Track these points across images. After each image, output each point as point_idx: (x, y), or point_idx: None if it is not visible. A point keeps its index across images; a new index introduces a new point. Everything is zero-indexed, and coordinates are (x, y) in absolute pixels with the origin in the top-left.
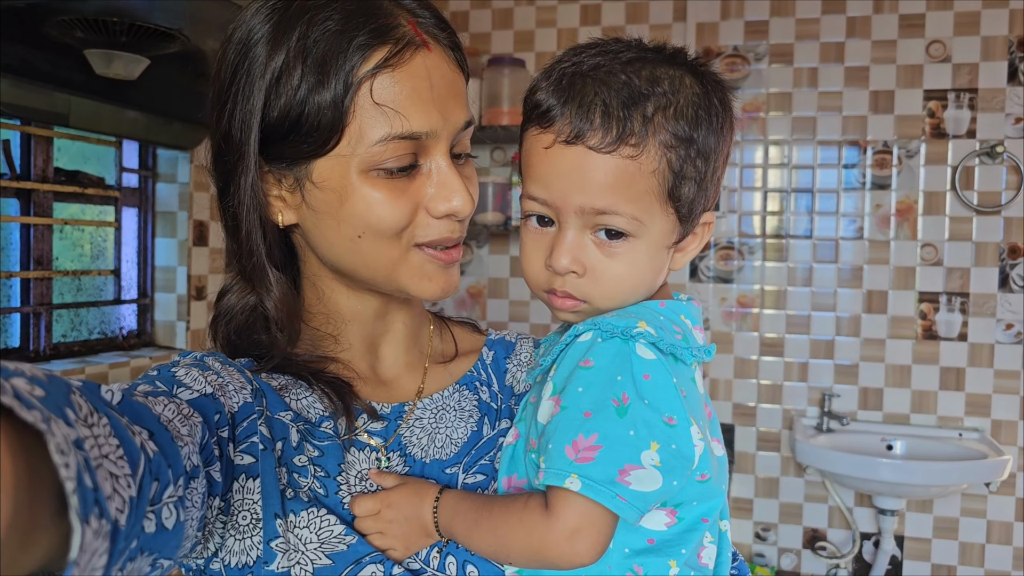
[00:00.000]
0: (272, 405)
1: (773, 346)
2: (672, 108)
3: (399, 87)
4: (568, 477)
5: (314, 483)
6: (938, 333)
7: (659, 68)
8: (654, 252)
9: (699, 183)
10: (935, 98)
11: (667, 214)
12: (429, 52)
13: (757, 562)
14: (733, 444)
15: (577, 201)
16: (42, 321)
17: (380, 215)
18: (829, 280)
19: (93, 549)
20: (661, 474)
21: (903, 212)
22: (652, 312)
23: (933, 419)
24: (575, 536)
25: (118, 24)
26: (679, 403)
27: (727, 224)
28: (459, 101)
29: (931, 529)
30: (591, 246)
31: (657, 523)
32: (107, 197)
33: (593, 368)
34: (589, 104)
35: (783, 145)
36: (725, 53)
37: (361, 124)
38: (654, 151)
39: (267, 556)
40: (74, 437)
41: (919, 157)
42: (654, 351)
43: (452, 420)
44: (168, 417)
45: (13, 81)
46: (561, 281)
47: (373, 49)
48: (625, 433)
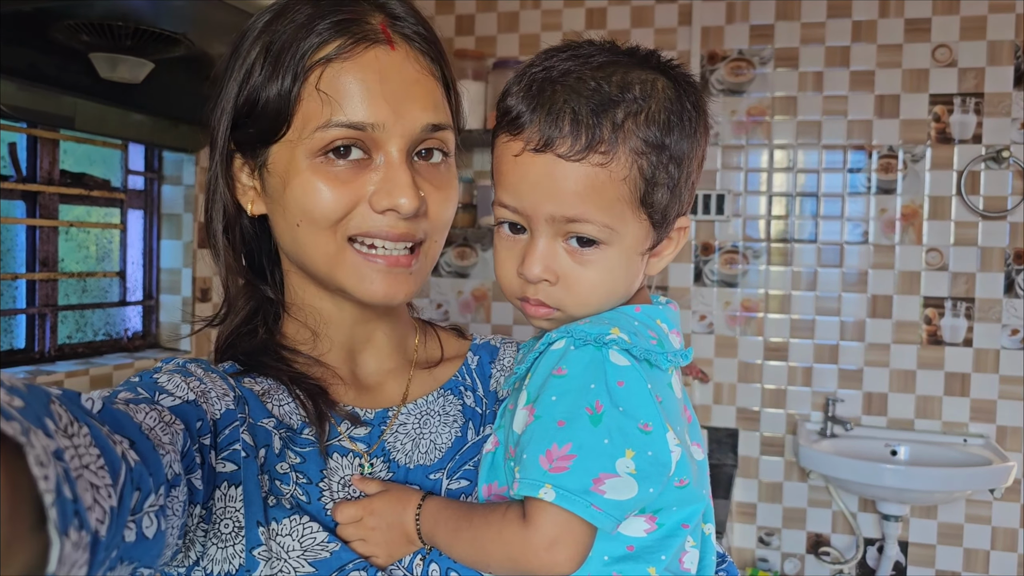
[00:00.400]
0: (255, 412)
1: (777, 350)
2: (643, 114)
3: (346, 77)
4: (542, 487)
5: (296, 490)
6: (943, 338)
7: (631, 72)
8: (627, 259)
9: (672, 189)
10: (941, 102)
11: (640, 220)
12: (391, 51)
13: (760, 567)
14: (737, 449)
15: (547, 210)
16: (47, 322)
17: (315, 201)
18: (834, 284)
19: (72, 561)
20: (636, 482)
21: (908, 217)
22: (626, 318)
23: (938, 424)
24: (553, 546)
25: (123, 28)
26: (654, 409)
27: (732, 228)
28: (420, 100)
29: (935, 535)
30: (563, 254)
31: (636, 530)
32: (113, 199)
33: (566, 376)
34: (558, 111)
35: (788, 149)
36: (730, 57)
37: (306, 111)
38: (624, 158)
39: (249, 564)
40: (54, 448)
41: (924, 162)
42: (628, 357)
43: (436, 425)
44: (149, 425)
45: (20, 84)
46: (534, 289)
47: (327, 40)
48: (599, 442)
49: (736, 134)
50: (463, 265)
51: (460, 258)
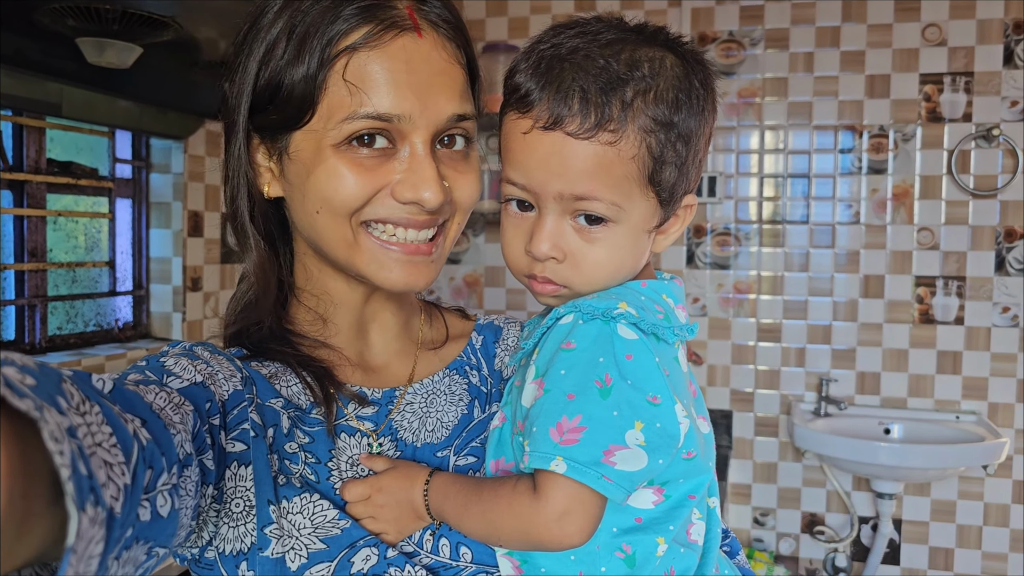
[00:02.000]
0: (262, 392)
1: (770, 332)
2: (652, 92)
3: (372, 67)
4: (553, 459)
5: (305, 469)
6: (935, 317)
7: (639, 50)
8: (635, 236)
9: (680, 167)
10: (931, 82)
11: (647, 198)
12: (419, 38)
13: (756, 547)
14: (731, 430)
15: (556, 187)
16: (37, 313)
17: (336, 188)
18: (826, 265)
19: (90, 537)
20: (646, 453)
21: (899, 196)
22: (633, 293)
23: (930, 403)
24: (564, 518)
25: (110, 12)
26: (662, 382)
27: (723, 210)
28: (446, 91)
29: (929, 512)
30: (571, 232)
31: (644, 502)
32: (101, 188)
33: (575, 350)
34: (567, 89)
35: (779, 130)
36: (720, 38)
37: (331, 100)
38: (633, 136)
39: (261, 542)
40: (67, 425)
41: (915, 141)
42: (636, 331)
43: (443, 404)
44: (160, 405)
45: (5, 70)
46: (541, 267)
47: (354, 27)
48: (609, 414)
49: (727, 116)
50: (455, 251)
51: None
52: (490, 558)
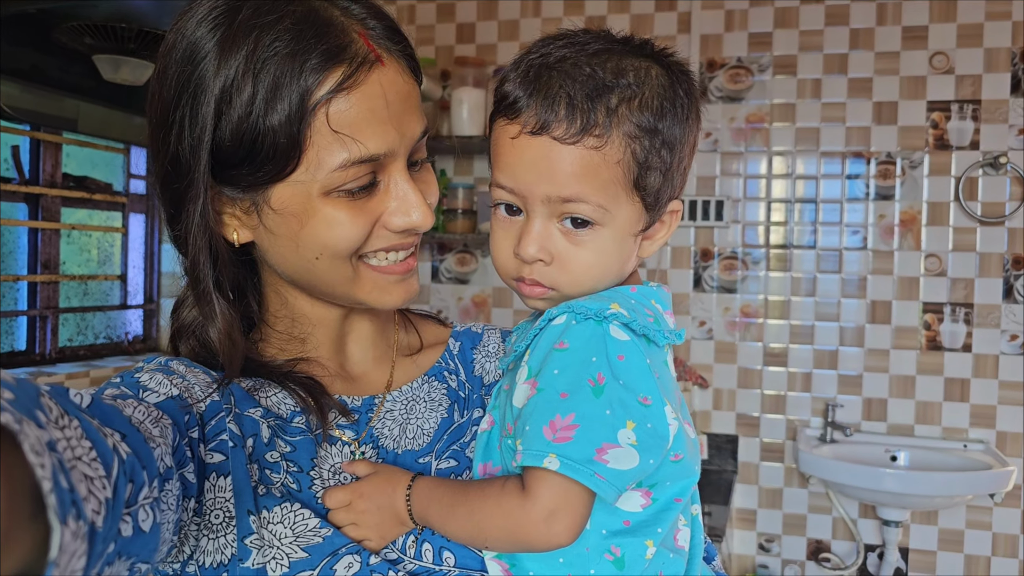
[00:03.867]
0: (240, 402)
1: (777, 356)
2: (637, 100)
3: (355, 110)
4: (546, 457)
5: (287, 478)
6: (942, 344)
7: (625, 60)
8: (621, 240)
9: (664, 173)
10: (938, 109)
11: (633, 203)
12: (383, 67)
13: (760, 573)
14: (737, 455)
15: (543, 190)
16: (48, 324)
17: (340, 235)
18: (833, 290)
19: (72, 550)
20: (638, 452)
21: (907, 223)
22: (624, 296)
23: (938, 430)
24: (552, 517)
25: (126, 30)
26: (653, 383)
27: (731, 234)
28: (414, 113)
29: (936, 541)
30: (558, 234)
31: (633, 504)
32: (115, 203)
33: (568, 350)
34: (554, 96)
35: (787, 156)
36: (729, 64)
37: (319, 151)
38: (618, 141)
39: (241, 553)
40: (47, 439)
41: (922, 168)
42: (627, 332)
43: (422, 411)
44: (139, 419)
45: (23, 86)
46: (529, 269)
47: (327, 72)
48: (602, 412)
49: (735, 141)
50: (463, 271)
51: (460, 264)
52: (474, 561)
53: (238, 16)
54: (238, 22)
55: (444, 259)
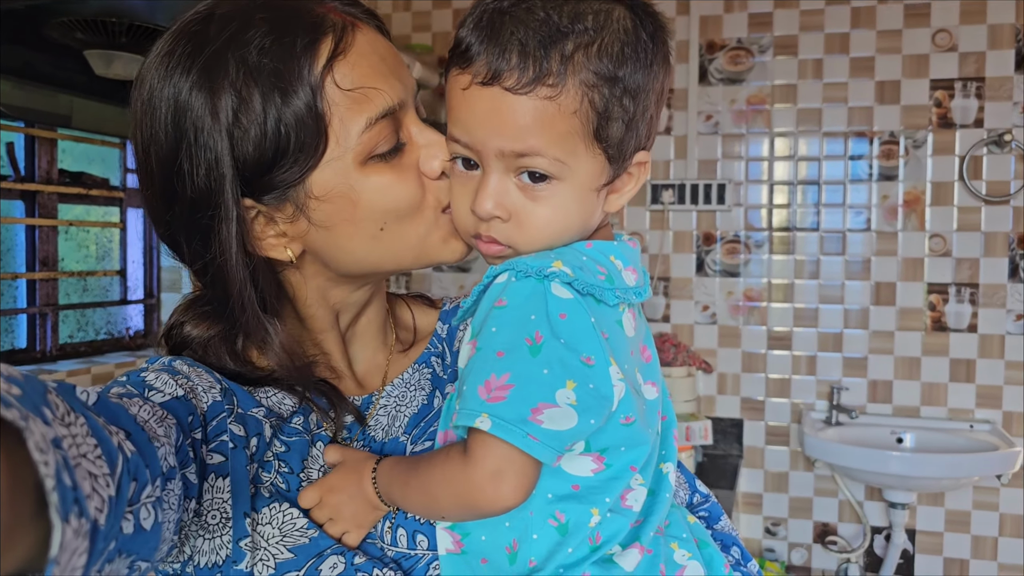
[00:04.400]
0: (243, 402)
1: (781, 340)
2: (595, 45)
3: (358, 69)
4: (478, 416)
5: (277, 478)
6: (947, 324)
7: (585, 2)
8: (581, 195)
9: (628, 123)
10: (942, 87)
11: (594, 155)
12: (362, 30)
13: (767, 557)
14: (742, 439)
15: (496, 144)
16: (48, 322)
17: (396, 196)
18: (837, 272)
19: (73, 548)
20: (576, 412)
21: (911, 203)
22: (574, 252)
23: (943, 411)
24: (497, 478)
25: (117, 24)
26: (597, 343)
27: (733, 218)
28: (404, 66)
29: (943, 522)
30: (515, 190)
31: (583, 469)
32: (112, 198)
33: (507, 307)
34: (506, 43)
35: (789, 137)
36: (729, 46)
37: (341, 119)
38: (574, 91)
39: (236, 555)
40: (52, 436)
41: (926, 147)
42: (571, 291)
43: (410, 398)
44: (144, 418)
45: (15, 83)
46: (486, 226)
47: (317, 47)
48: (538, 371)
49: (736, 123)
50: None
51: None
52: None
53: (203, 48)
54: (206, 55)
55: None
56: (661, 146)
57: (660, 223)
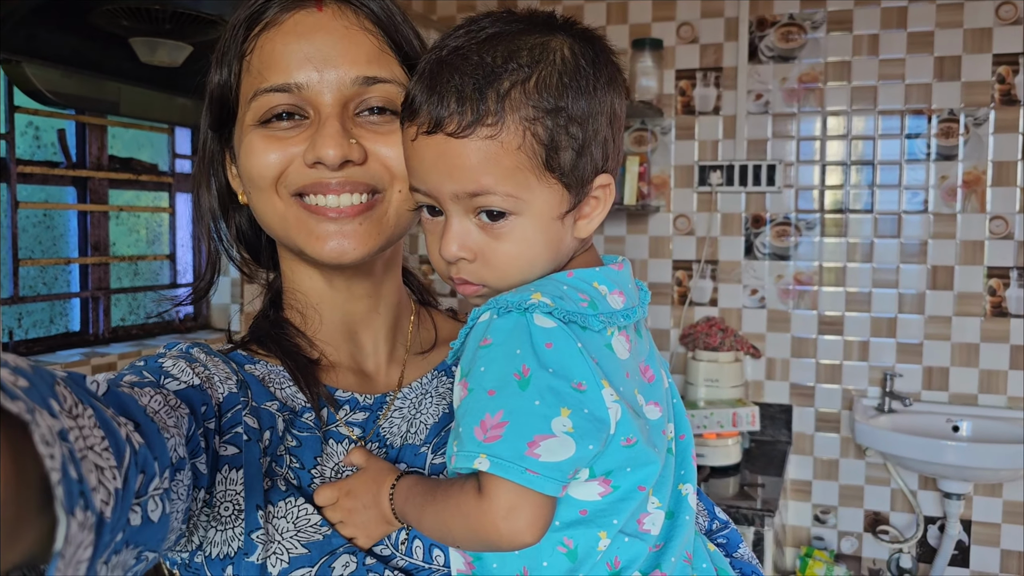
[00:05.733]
0: (257, 395)
1: (832, 324)
2: (532, 80)
3: (270, 46)
4: (476, 457)
5: (288, 473)
6: (1008, 310)
7: (520, 39)
8: (543, 226)
9: (578, 149)
10: (1005, 63)
11: (549, 185)
12: (319, 12)
13: (816, 545)
14: (791, 425)
15: (449, 188)
16: (100, 305)
17: (254, 163)
18: (891, 256)
19: (79, 541)
20: (574, 440)
21: (970, 183)
22: (554, 283)
23: (1003, 399)
24: (510, 516)
25: (161, 12)
26: (587, 368)
27: (783, 199)
28: (349, 55)
29: (1000, 513)
30: (475, 230)
31: (590, 494)
32: (161, 183)
33: (492, 345)
34: (443, 91)
35: (842, 116)
36: (780, 22)
37: (245, 88)
38: (515, 127)
39: (247, 547)
40: (59, 428)
41: (988, 125)
42: (553, 319)
43: (428, 406)
44: (154, 409)
45: (64, 71)
46: (455, 268)
47: (260, 17)
48: (530, 404)
49: (787, 102)
50: None
51: None
52: None
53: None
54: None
55: None
56: (709, 126)
57: (708, 205)
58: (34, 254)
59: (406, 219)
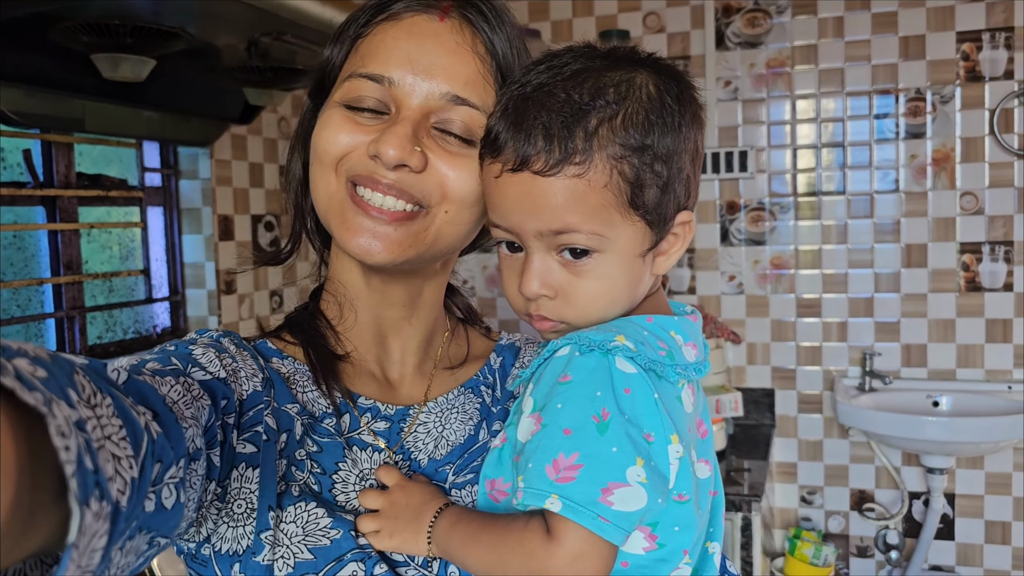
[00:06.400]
0: (280, 396)
1: (810, 307)
2: (619, 117)
3: (381, 35)
4: (548, 497)
5: (309, 478)
6: (982, 284)
7: (605, 75)
8: (626, 264)
9: (663, 187)
10: (969, 40)
11: (633, 223)
12: (439, 21)
13: (804, 526)
14: (774, 408)
15: (533, 226)
16: (76, 324)
17: (323, 136)
18: (865, 236)
19: (93, 531)
20: (646, 491)
21: (940, 161)
22: (635, 327)
23: (980, 373)
24: (576, 562)
25: (122, 27)
26: (659, 419)
27: (757, 185)
28: (448, 69)
29: (983, 485)
30: (557, 267)
31: (635, 546)
32: (131, 198)
33: (572, 383)
34: (530, 128)
35: (811, 99)
36: (746, 8)
37: (345, 67)
38: (603, 165)
39: (256, 547)
40: (76, 418)
41: (954, 102)
42: (634, 365)
43: (454, 423)
44: (173, 399)
45: (26, 90)
46: (535, 305)
47: (382, 10)
48: (607, 450)
49: (756, 87)
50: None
51: None
52: None
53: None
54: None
55: None
56: None
57: None
58: (6, 276)
59: (446, 241)
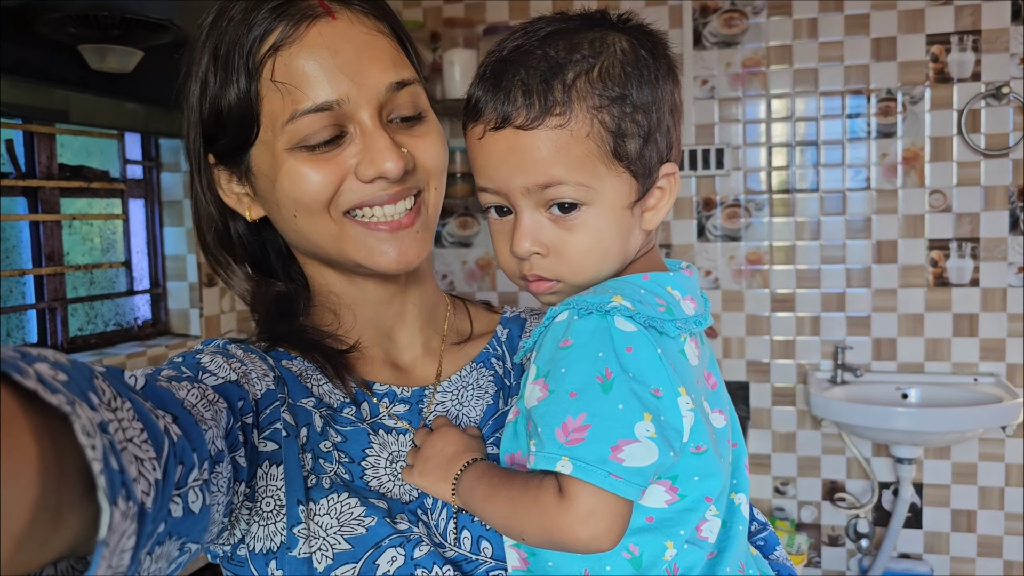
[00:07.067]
0: (294, 392)
1: (784, 301)
2: (596, 70)
3: (297, 61)
4: (559, 460)
5: (339, 468)
6: (949, 280)
7: (578, 35)
8: (615, 215)
9: (644, 137)
10: (938, 42)
11: (617, 174)
12: (333, 20)
13: (777, 516)
14: (748, 401)
15: (520, 182)
16: (58, 316)
17: (304, 189)
18: (838, 233)
19: (122, 530)
20: (657, 445)
21: (910, 160)
22: (631, 286)
23: (948, 366)
24: (590, 520)
25: (109, 18)
26: (665, 374)
27: (733, 182)
28: (376, 63)
29: (949, 475)
30: (548, 224)
31: (657, 500)
32: (113, 190)
33: (573, 346)
34: (509, 87)
35: (786, 98)
36: (723, 9)
37: (271, 108)
38: (583, 116)
39: (290, 542)
40: (98, 420)
41: (924, 103)
42: (634, 323)
43: (471, 399)
44: (192, 402)
45: (11, 80)
46: (528, 265)
47: (269, 30)
48: (613, 408)
49: (732, 86)
50: (466, 235)
51: (462, 228)
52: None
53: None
54: (197, 44)
55: (446, 223)
56: None
57: None
58: None
59: (438, 209)
